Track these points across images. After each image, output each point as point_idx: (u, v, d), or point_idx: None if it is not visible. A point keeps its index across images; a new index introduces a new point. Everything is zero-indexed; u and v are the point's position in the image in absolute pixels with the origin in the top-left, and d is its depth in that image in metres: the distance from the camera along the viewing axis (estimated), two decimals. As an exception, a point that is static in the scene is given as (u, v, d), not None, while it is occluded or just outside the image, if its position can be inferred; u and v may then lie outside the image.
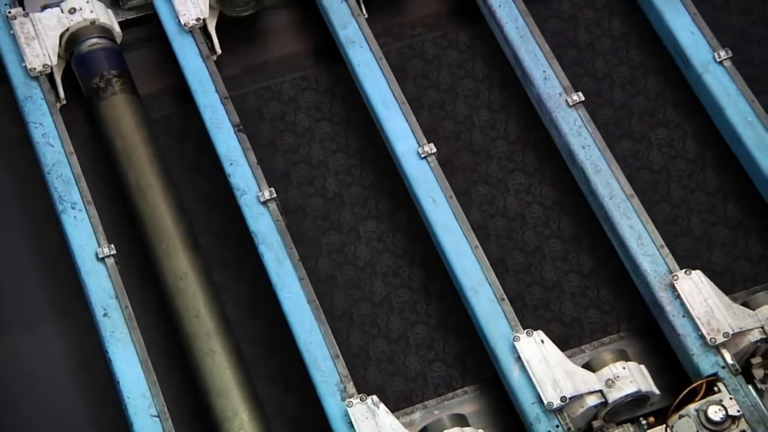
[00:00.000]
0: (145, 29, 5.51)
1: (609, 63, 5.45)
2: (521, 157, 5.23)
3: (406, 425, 4.49)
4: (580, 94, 5.06)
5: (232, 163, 4.93)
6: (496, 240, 5.03)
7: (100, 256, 4.70)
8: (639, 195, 5.02)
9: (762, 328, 4.48)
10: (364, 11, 5.40)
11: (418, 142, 4.97)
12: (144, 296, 4.83)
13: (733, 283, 4.90)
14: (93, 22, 5.22)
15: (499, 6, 5.31)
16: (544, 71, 5.15)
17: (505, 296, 4.63)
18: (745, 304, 4.59)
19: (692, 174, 5.17)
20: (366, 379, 4.74)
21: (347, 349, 4.79)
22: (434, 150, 4.94)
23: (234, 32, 5.50)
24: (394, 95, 5.09)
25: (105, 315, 4.58)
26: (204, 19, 5.25)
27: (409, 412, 4.70)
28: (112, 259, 4.70)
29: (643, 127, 5.29)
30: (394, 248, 5.04)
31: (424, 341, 4.84)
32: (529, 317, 4.86)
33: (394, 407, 4.65)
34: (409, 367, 4.78)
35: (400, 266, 4.99)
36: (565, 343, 4.80)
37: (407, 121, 5.03)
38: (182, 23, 5.23)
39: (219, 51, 5.32)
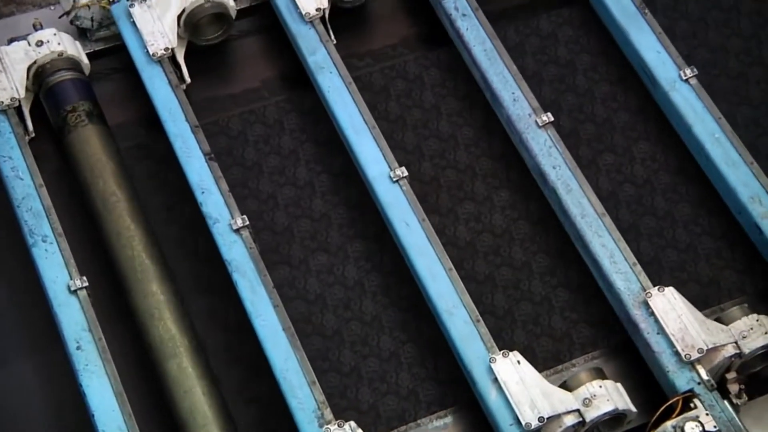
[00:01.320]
0: (114, 60, 5.53)
1: (589, 79, 5.43)
2: (506, 174, 5.22)
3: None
4: (549, 114, 5.05)
5: (203, 192, 4.93)
6: (484, 257, 5.01)
7: (72, 288, 4.71)
8: (623, 207, 5.05)
9: (735, 343, 4.46)
10: (333, 37, 5.41)
11: (389, 166, 4.97)
12: (118, 327, 4.83)
13: (718, 294, 4.88)
14: (60, 54, 5.25)
15: (467, 29, 5.32)
16: (513, 93, 5.14)
17: (480, 318, 4.61)
18: (718, 320, 4.57)
19: (676, 186, 5.15)
20: (358, 398, 4.74)
21: (338, 369, 4.80)
22: (406, 173, 4.94)
23: (207, 59, 5.54)
24: (364, 120, 5.09)
25: (78, 348, 4.58)
26: (172, 49, 5.27)
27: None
28: (84, 292, 4.71)
29: (626, 141, 5.27)
30: (382, 267, 5.03)
31: (415, 360, 4.83)
32: (518, 333, 4.85)
33: (387, 427, 4.66)
34: (402, 386, 4.77)
35: (389, 286, 4.97)
36: (555, 358, 4.80)
37: (378, 145, 5.03)
38: (150, 53, 5.25)
39: (188, 80, 5.34)
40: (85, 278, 4.73)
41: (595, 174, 5.14)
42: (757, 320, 4.53)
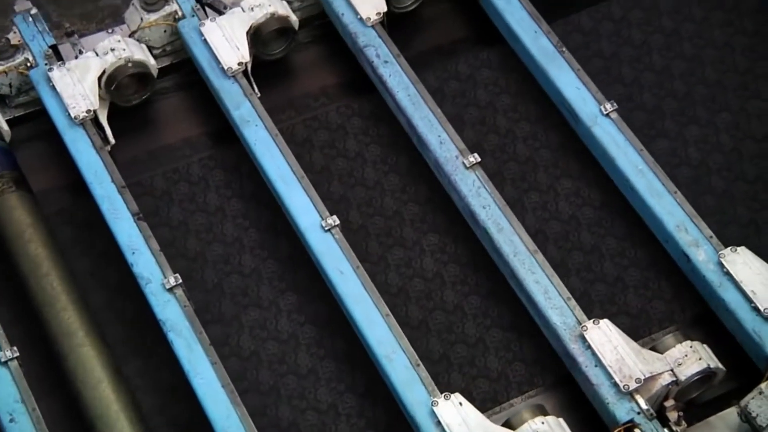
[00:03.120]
0: (36, 125, 5.47)
1: (510, 119, 5.51)
2: (433, 218, 5.25)
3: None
4: (476, 155, 5.10)
5: (134, 252, 4.89)
6: (416, 302, 5.03)
7: (3, 359, 4.61)
8: (551, 244, 5.10)
9: (672, 370, 4.52)
10: (257, 90, 5.42)
11: (320, 215, 4.97)
12: (52, 396, 4.74)
13: (648, 324, 4.95)
14: (-22, 125, 5.20)
15: (390, 76, 5.37)
16: (439, 135, 5.19)
17: (420, 362, 4.62)
18: (653, 348, 4.64)
19: (601, 221, 5.22)
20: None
21: (277, 425, 4.76)
22: (337, 222, 4.95)
23: (130, 119, 5.51)
24: (292, 170, 5.10)
25: (11, 420, 4.48)
26: (95, 111, 5.24)
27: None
28: (15, 362, 4.62)
29: (549, 179, 5.34)
30: (315, 319, 5.01)
31: (353, 410, 4.81)
32: (455, 376, 4.86)
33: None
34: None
35: (323, 337, 4.96)
36: (493, 399, 4.81)
37: (308, 195, 5.03)
38: (72, 116, 5.21)
39: (112, 141, 5.30)
40: (15, 348, 4.65)
41: (521, 213, 5.18)
42: (691, 347, 4.59)
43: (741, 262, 4.76)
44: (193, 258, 5.15)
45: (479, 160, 5.10)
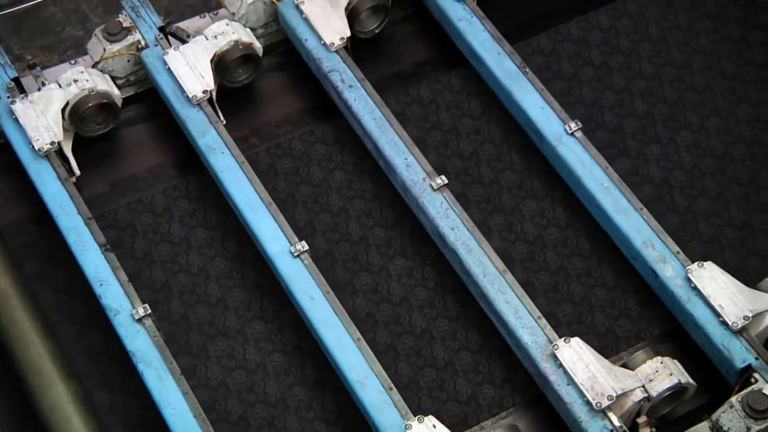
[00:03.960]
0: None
1: (473, 142, 5.53)
2: (399, 243, 5.25)
3: None
4: (443, 177, 5.12)
5: (102, 284, 4.85)
6: (385, 326, 5.02)
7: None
8: (517, 265, 5.11)
9: (643, 387, 4.54)
10: (222, 118, 5.42)
11: (289, 241, 4.96)
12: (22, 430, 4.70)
13: (616, 343, 4.96)
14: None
15: (355, 100, 5.38)
16: (406, 158, 5.20)
17: (393, 385, 4.61)
18: (624, 365, 4.66)
19: (566, 241, 5.25)
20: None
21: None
22: (306, 248, 4.94)
23: (96, 149, 5.49)
24: (260, 197, 5.09)
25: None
26: (59, 142, 5.20)
27: None
28: (-16, 396, 4.59)
29: (514, 200, 5.36)
30: (283, 347, 4.99)
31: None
32: (425, 400, 4.85)
33: None
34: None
35: (292, 364, 4.95)
36: (463, 422, 4.80)
37: (276, 221, 5.02)
38: (36, 148, 5.17)
39: (77, 172, 5.27)
40: None
41: (487, 235, 5.15)
42: (662, 362, 4.62)
43: (708, 276, 4.80)
44: (159, 289, 5.12)
45: (446, 182, 5.11)
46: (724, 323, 4.70)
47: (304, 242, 4.94)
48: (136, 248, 5.23)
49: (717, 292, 4.75)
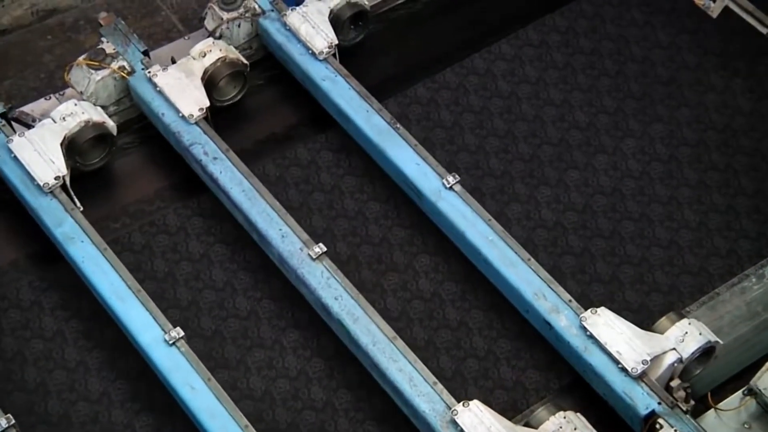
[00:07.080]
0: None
1: (357, 201, 5.39)
2: (290, 315, 5.07)
3: None
4: (321, 245, 4.96)
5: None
6: (283, 404, 4.84)
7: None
8: (416, 324, 4.98)
9: (552, 442, 4.42)
10: (78, 204, 5.17)
11: (162, 329, 4.74)
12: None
13: (526, 396, 4.85)
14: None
15: (221, 173, 5.19)
16: (281, 229, 5.03)
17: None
18: (527, 424, 4.56)
19: (464, 294, 5.12)
20: None
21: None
22: (182, 334, 4.73)
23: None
24: (127, 285, 4.86)
25: None
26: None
27: None
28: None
29: (406, 257, 5.23)
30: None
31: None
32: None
33: None
34: None
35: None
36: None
37: (147, 309, 4.79)
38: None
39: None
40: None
41: (381, 296, 5.06)
42: (564, 417, 4.52)
43: (603, 323, 4.71)
44: (33, 389, 4.85)
45: (325, 249, 4.95)
46: (624, 369, 4.62)
47: (179, 328, 4.74)
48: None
49: (613, 338, 4.67)
